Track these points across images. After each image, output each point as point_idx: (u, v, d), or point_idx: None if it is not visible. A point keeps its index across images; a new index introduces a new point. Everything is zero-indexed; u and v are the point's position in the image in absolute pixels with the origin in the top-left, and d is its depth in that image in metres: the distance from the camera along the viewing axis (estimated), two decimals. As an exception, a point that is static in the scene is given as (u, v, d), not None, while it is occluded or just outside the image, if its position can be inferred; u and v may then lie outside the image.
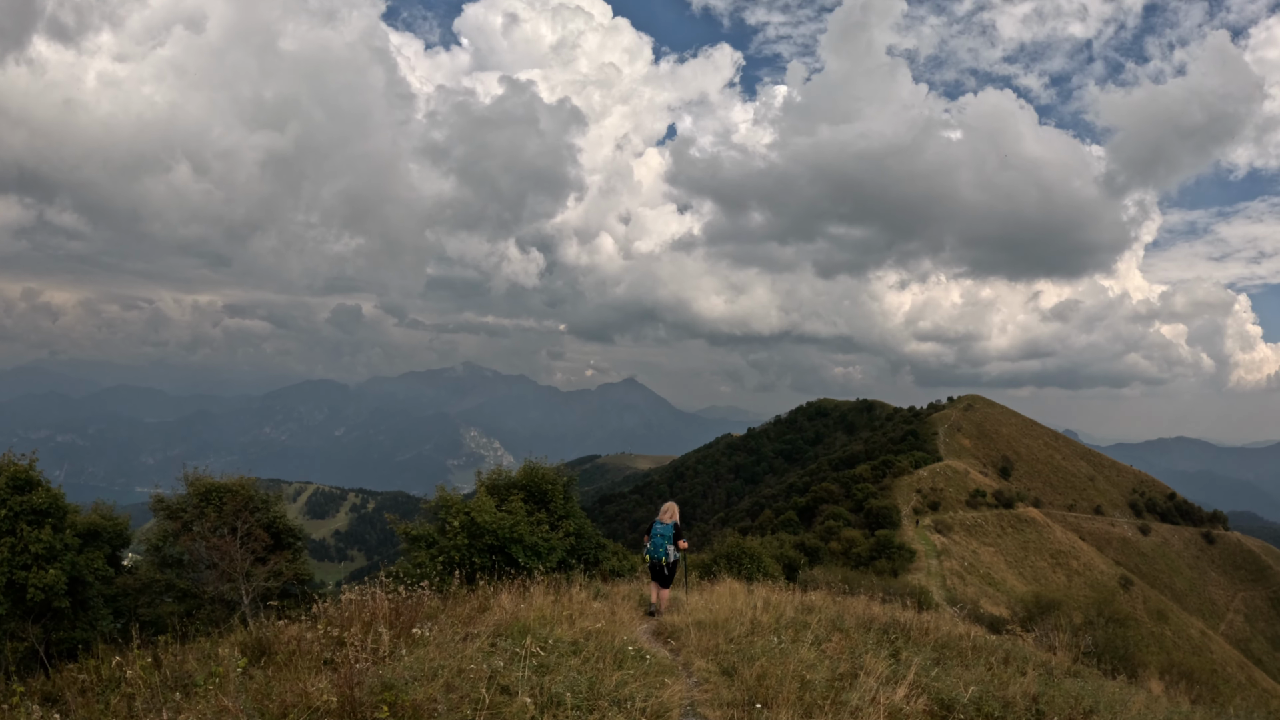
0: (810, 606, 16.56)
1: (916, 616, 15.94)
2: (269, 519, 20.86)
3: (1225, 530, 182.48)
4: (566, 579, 17.59)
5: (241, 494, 20.33)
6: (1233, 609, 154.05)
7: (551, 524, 21.08)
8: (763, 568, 32.21)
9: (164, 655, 10.19)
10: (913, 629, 14.31)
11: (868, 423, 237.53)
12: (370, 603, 11.02)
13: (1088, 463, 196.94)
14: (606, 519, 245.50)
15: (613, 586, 19.90)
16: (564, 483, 22.90)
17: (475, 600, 13.39)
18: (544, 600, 13.70)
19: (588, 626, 12.09)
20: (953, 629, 15.32)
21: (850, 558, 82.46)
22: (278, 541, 20.86)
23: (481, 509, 18.74)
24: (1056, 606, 26.94)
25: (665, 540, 17.03)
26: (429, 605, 12.51)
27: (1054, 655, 14.60)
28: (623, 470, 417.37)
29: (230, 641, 10.01)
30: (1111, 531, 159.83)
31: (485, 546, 18.43)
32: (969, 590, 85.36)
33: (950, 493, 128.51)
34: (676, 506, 17.93)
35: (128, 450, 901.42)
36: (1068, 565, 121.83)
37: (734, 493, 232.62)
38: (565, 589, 16.00)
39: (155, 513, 20.13)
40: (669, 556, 16.97)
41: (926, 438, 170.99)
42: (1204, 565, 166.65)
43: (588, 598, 15.74)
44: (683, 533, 17.60)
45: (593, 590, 17.16)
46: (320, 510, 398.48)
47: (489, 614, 12.25)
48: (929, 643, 13.61)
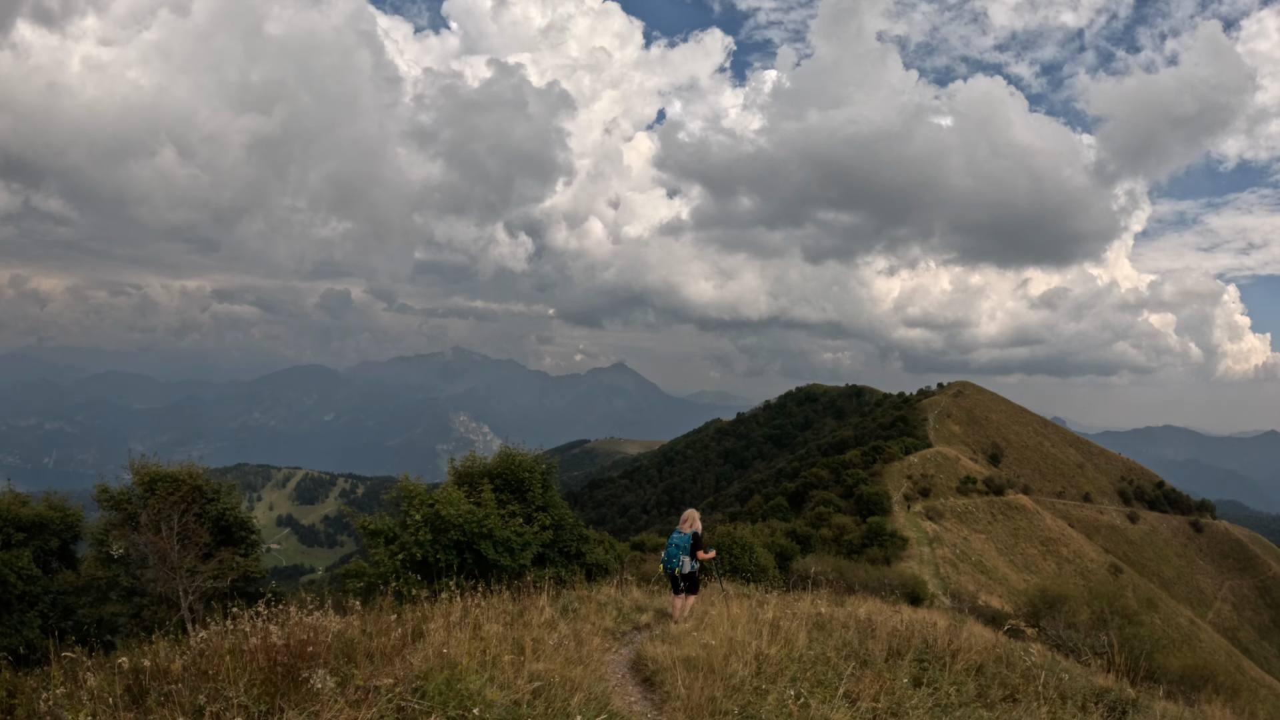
0: (823, 622, 14.44)
1: (945, 633, 13.71)
2: (219, 511, 19.10)
3: (1213, 519, 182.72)
4: (536, 582, 16.22)
5: (189, 483, 18.64)
6: (1220, 598, 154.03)
7: (527, 516, 19.51)
8: (755, 559, 31.07)
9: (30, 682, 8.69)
10: (944, 651, 12.09)
11: (857, 408, 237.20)
12: (259, 633, 8.40)
13: (1077, 450, 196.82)
14: (596, 504, 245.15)
15: (593, 590, 18.00)
16: (542, 471, 21.37)
17: (403, 627, 10.32)
18: (493, 627, 10.81)
19: (540, 670, 9.16)
20: (981, 643, 13.46)
21: (842, 545, 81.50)
22: (228, 536, 19.18)
23: (448, 500, 17.16)
24: (1062, 601, 25.72)
25: (680, 551, 16.04)
26: (342, 635, 9.62)
27: (1105, 677, 13.04)
28: (612, 455, 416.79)
29: (113, 668, 8.29)
30: (1100, 519, 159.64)
31: (451, 542, 16.82)
32: (962, 579, 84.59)
33: (941, 479, 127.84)
34: (697, 514, 16.70)
35: (117, 437, 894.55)
36: (1058, 553, 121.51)
37: (723, 477, 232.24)
38: (531, 597, 14.16)
39: (100, 504, 18.55)
40: (683, 568, 16.05)
41: (916, 424, 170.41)
42: (1192, 554, 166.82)
43: (553, 616, 13.28)
44: (704, 542, 16.46)
45: (561, 605, 14.93)
46: (310, 496, 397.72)
47: (416, 648, 9.39)
48: (964, 666, 11.62)
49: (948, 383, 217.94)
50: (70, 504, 19.87)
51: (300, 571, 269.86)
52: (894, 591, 39.45)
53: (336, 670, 7.76)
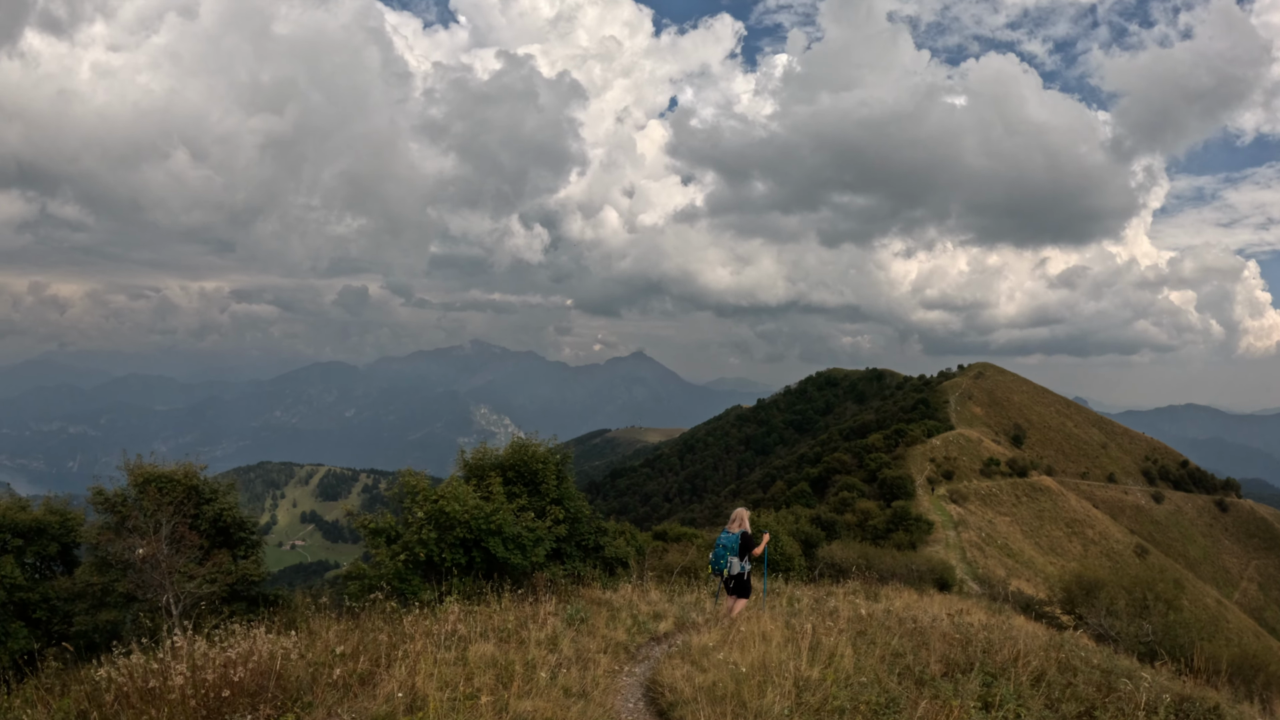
0: (865, 627, 13.06)
1: (1001, 636, 12.45)
2: (216, 511, 18.07)
3: (1238, 498, 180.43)
4: (549, 580, 15.28)
5: (184, 484, 17.76)
6: (1246, 577, 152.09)
7: (539, 510, 18.25)
8: (781, 547, 30.23)
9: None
10: (1006, 660, 10.62)
11: (878, 392, 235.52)
12: (184, 666, 7.05)
13: (1100, 430, 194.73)
14: (618, 493, 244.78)
15: (608, 590, 16.85)
16: (556, 461, 20.01)
17: (370, 655, 8.56)
18: (483, 647, 9.18)
19: (528, 712, 7.56)
20: (1037, 643, 12.10)
21: (867, 530, 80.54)
22: (227, 537, 18.26)
23: (453, 496, 15.94)
24: (1099, 587, 24.54)
25: (728, 552, 15.23)
26: (294, 667, 7.92)
27: (1183, 681, 11.88)
28: (633, 444, 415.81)
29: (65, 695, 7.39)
30: (1125, 499, 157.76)
31: (457, 540, 15.61)
32: (989, 563, 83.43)
33: (964, 461, 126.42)
34: (747, 513, 15.82)
35: (140, 439, 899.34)
36: (1083, 534, 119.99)
37: (745, 464, 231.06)
38: (536, 605, 13.01)
39: (96, 507, 17.75)
40: (731, 569, 15.23)
41: (938, 406, 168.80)
42: (1217, 533, 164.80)
43: (557, 629, 11.56)
44: (756, 540, 15.58)
45: (568, 615, 13.14)
46: (333, 492, 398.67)
47: (379, 682, 7.72)
48: (1028, 675, 10.18)
49: (968, 364, 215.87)
50: (72, 508, 19.08)
51: (325, 567, 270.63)
52: (923, 579, 38.53)
53: (283, 709, 6.71)
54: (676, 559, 28.41)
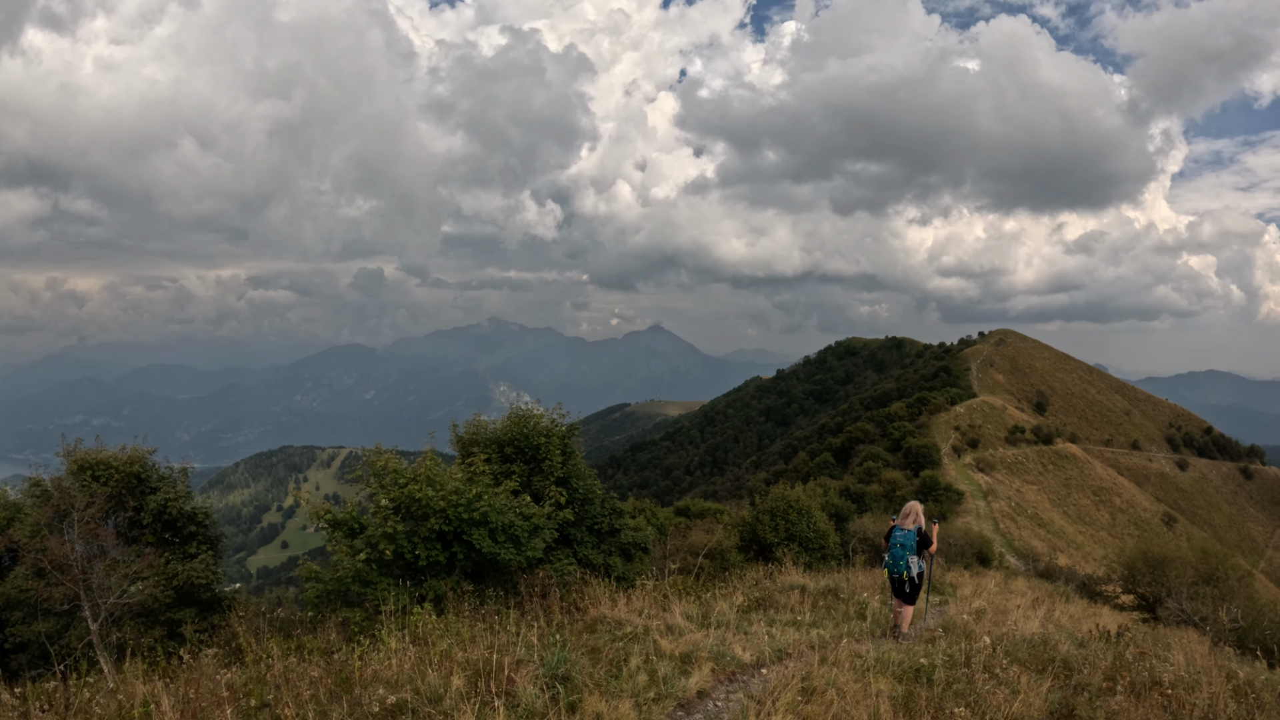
0: (955, 660, 10.22)
1: (1102, 655, 10.00)
2: (159, 504, 15.49)
3: (1263, 465, 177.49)
4: (559, 577, 12.81)
5: (123, 470, 15.35)
6: (1272, 545, 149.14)
7: (537, 494, 15.34)
8: (813, 524, 27.98)
9: None
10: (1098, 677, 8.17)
11: (898, 360, 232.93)
12: None
13: (1122, 396, 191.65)
14: (639, 467, 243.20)
15: (617, 603, 13.50)
16: (561, 434, 17.05)
17: None
18: None
19: None
20: (1127, 653, 9.69)
21: (895, 502, 78.27)
22: (175, 532, 15.74)
23: (428, 479, 12.91)
24: (1167, 564, 22.01)
25: (907, 551, 13.43)
26: None
27: None
28: (653, 417, 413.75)
29: None
30: (1150, 467, 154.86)
31: (433, 533, 12.63)
32: (1022, 533, 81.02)
33: (989, 429, 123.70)
34: (920, 506, 13.88)
35: (163, 428, 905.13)
36: (1110, 503, 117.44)
37: (765, 436, 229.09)
38: (510, 634, 9.64)
39: (33, 500, 15.43)
40: (911, 569, 13.44)
41: (959, 374, 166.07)
42: (1242, 501, 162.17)
43: (532, 703, 7.47)
44: (930, 536, 13.61)
45: (548, 667, 8.42)
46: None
47: None
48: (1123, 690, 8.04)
49: (988, 331, 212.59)
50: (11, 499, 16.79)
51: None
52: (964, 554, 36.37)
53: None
54: (701, 539, 26.18)
